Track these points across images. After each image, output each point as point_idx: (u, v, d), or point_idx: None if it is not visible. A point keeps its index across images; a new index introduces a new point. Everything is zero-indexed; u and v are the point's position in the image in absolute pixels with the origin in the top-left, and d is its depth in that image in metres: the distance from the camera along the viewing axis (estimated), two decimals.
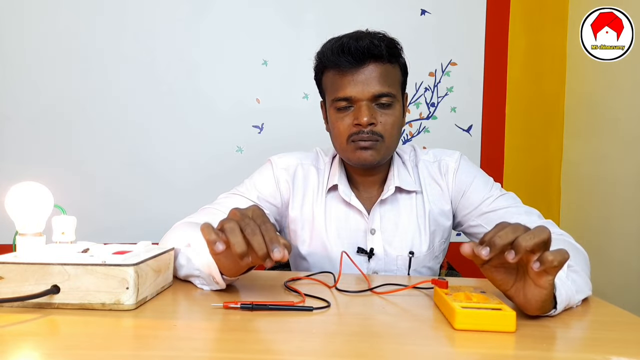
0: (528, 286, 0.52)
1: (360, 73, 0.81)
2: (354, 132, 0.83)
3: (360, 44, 0.80)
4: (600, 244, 1.55)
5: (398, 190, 0.91)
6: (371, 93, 0.81)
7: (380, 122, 0.83)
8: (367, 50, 0.80)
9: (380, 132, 0.83)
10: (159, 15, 1.71)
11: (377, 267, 0.90)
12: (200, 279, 0.66)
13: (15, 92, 1.68)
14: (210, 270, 0.62)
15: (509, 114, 1.79)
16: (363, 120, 0.81)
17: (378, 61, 0.82)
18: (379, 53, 0.81)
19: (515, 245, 0.49)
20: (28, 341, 0.46)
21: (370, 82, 0.81)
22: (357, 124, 0.82)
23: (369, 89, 0.81)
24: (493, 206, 0.87)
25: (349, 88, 0.82)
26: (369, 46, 0.80)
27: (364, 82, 0.81)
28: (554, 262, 0.48)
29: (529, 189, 1.77)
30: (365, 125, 0.82)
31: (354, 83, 0.82)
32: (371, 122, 0.81)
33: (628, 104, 1.48)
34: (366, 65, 0.81)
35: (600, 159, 1.60)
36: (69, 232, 0.62)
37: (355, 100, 0.82)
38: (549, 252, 0.49)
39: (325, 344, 0.48)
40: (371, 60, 0.81)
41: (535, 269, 0.49)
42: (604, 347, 0.48)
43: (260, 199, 0.91)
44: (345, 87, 0.82)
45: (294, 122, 1.74)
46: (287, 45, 1.73)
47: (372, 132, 0.82)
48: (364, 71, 0.81)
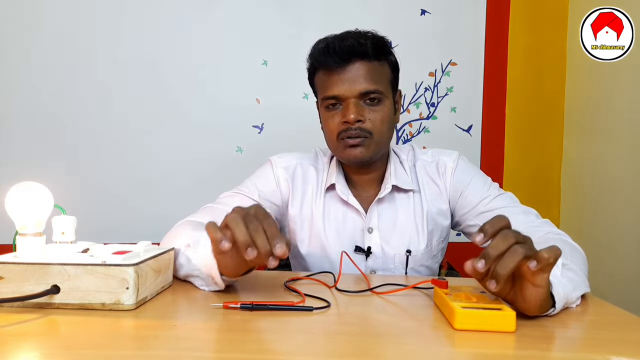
0: (525, 288, 0.53)
1: (346, 71, 0.83)
2: (343, 130, 0.85)
3: (345, 44, 0.82)
4: (600, 243, 1.55)
5: (395, 189, 0.92)
6: (358, 90, 0.83)
7: (369, 118, 0.84)
8: (352, 49, 0.82)
9: (369, 128, 0.84)
10: (159, 16, 1.71)
11: (374, 266, 0.90)
12: (200, 279, 0.66)
13: (15, 92, 1.68)
14: (209, 271, 0.62)
15: (509, 114, 1.79)
16: (350, 117, 0.82)
17: (364, 59, 0.83)
18: (364, 51, 0.83)
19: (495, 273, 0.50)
20: (28, 341, 0.46)
21: (356, 80, 0.83)
22: (345, 122, 0.84)
23: (356, 87, 0.83)
24: (490, 206, 0.88)
25: (336, 87, 0.84)
26: (354, 45, 0.82)
27: (350, 80, 0.83)
28: (550, 259, 0.49)
29: (529, 189, 1.77)
30: (353, 122, 0.83)
31: (340, 82, 0.83)
32: (358, 119, 0.83)
33: (628, 104, 1.48)
34: (352, 64, 0.83)
35: (600, 159, 1.60)
36: (69, 232, 0.62)
37: (343, 98, 0.84)
38: (543, 250, 0.50)
39: (325, 344, 0.48)
40: (357, 59, 0.83)
41: (532, 267, 0.49)
42: (603, 347, 0.48)
43: (262, 198, 0.92)
44: (332, 86, 0.84)
45: (294, 122, 1.74)
46: (287, 45, 1.73)
47: (360, 128, 0.84)
48: (350, 69, 0.83)
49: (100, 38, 1.69)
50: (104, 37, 1.69)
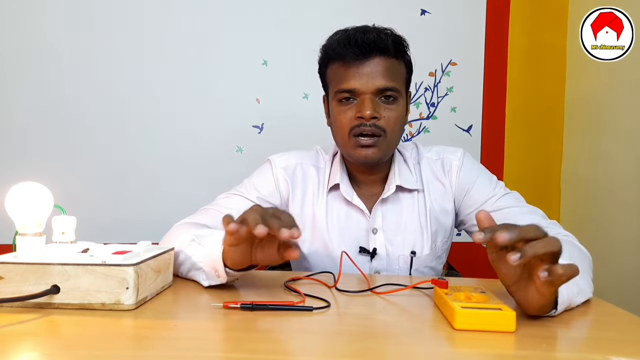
0: (530, 289, 0.52)
1: (365, 66, 0.80)
2: (356, 125, 0.82)
3: (367, 37, 0.80)
4: (600, 243, 1.55)
5: (399, 189, 0.90)
6: (376, 86, 0.80)
7: (384, 116, 0.82)
8: (374, 43, 0.80)
9: (383, 126, 0.82)
10: (159, 16, 1.71)
11: (379, 267, 0.89)
12: (203, 272, 0.66)
13: (15, 92, 1.68)
14: (214, 263, 0.63)
15: (509, 114, 1.79)
16: (366, 113, 0.80)
17: (384, 55, 0.81)
18: (385, 47, 0.80)
19: (523, 249, 0.47)
20: (28, 341, 0.46)
21: (375, 76, 0.80)
22: (359, 117, 0.81)
23: (374, 82, 0.80)
24: (496, 205, 0.86)
25: (354, 80, 0.81)
26: (376, 39, 0.80)
27: (368, 75, 0.80)
28: (562, 277, 0.47)
29: (529, 188, 1.76)
30: (369, 119, 0.80)
31: (358, 75, 0.81)
32: (374, 115, 0.80)
33: (628, 104, 1.48)
34: (372, 58, 0.80)
35: (600, 159, 1.60)
36: (69, 232, 0.62)
37: (359, 93, 0.81)
38: (559, 266, 0.48)
39: (325, 344, 0.48)
40: (377, 54, 0.81)
41: (542, 277, 0.48)
42: (604, 347, 0.48)
43: (260, 199, 0.91)
44: (349, 79, 0.81)
45: (294, 122, 1.74)
46: (287, 45, 1.73)
47: (374, 125, 0.81)
48: (370, 64, 0.80)
49: (100, 38, 1.69)
50: (104, 37, 1.69)
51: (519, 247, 0.48)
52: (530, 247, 0.47)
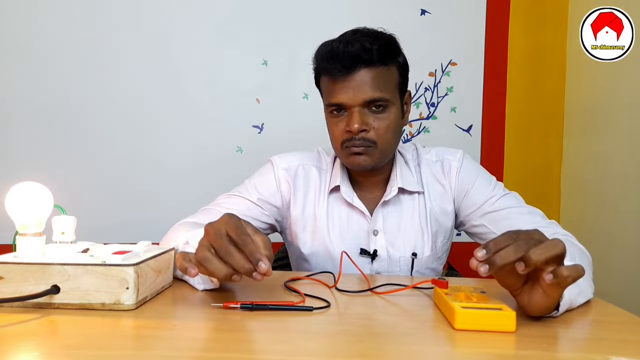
0: (535, 292, 0.52)
1: (351, 79, 0.80)
2: (347, 139, 0.83)
3: (349, 50, 0.79)
4: (600, 243, 1.55)
5: (401, 191, 0.90)
6: (362, 99, 0.80)
7: (373, 127, 0.82)
8: (357, 56, 0.78)
9: (373, 138, 0.82)
10: (159, 16, 1.71)
11: (380, 269, 0.89)
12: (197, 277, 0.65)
13: (15, 92, 1.68)
14: None
15: (509, 114, 1.79)
16: (354, 127, 0.80)
17: (369, 66, 0.80)
18: (370, 58, 0.79)
19: (526, 258, 0.48)
20: (28, 341, 0.46)
21: (361, 88, 0.79)
22: (348, 131, 0.82)
23: (361, 95, 0.80)
24: (496, 206, 0.86)
25: (340, 94, 0.81)
26: (359, 52, 0.78)
27: (355, 88, 0.80)
28: (568, 278, 0.48)
29: (529, 189, 1.77)
30: (357, 132, 0.81)
31: (345, 89, 0.80)
32: (363, 128, 0.81)
33: (628, 104, 1.48)
34: (357, 71, 0.79)
35: (600, 159, 1.60)
36: (69, 232, 0.62)
37: (347, 106, 0.81)
38: (564, 268, 0.48)
39: (325, 344, 0.48)
40: (362, 66, 0.79)
41: (547, 280, 0.48)
42: (604, 347, 0.48)
43: (261, 200, 0.91)
44: (336, 94, 0.81)
45: (294, 122, 1.74)
46: (287, 45, 1.73)
47: (363, 138, 0.81)
48: (355, 77, 0.80)
49: (100, 38, 1.69)
50: (104, 37, 1.70)
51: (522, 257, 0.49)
52: (534, 254, 0.48)
